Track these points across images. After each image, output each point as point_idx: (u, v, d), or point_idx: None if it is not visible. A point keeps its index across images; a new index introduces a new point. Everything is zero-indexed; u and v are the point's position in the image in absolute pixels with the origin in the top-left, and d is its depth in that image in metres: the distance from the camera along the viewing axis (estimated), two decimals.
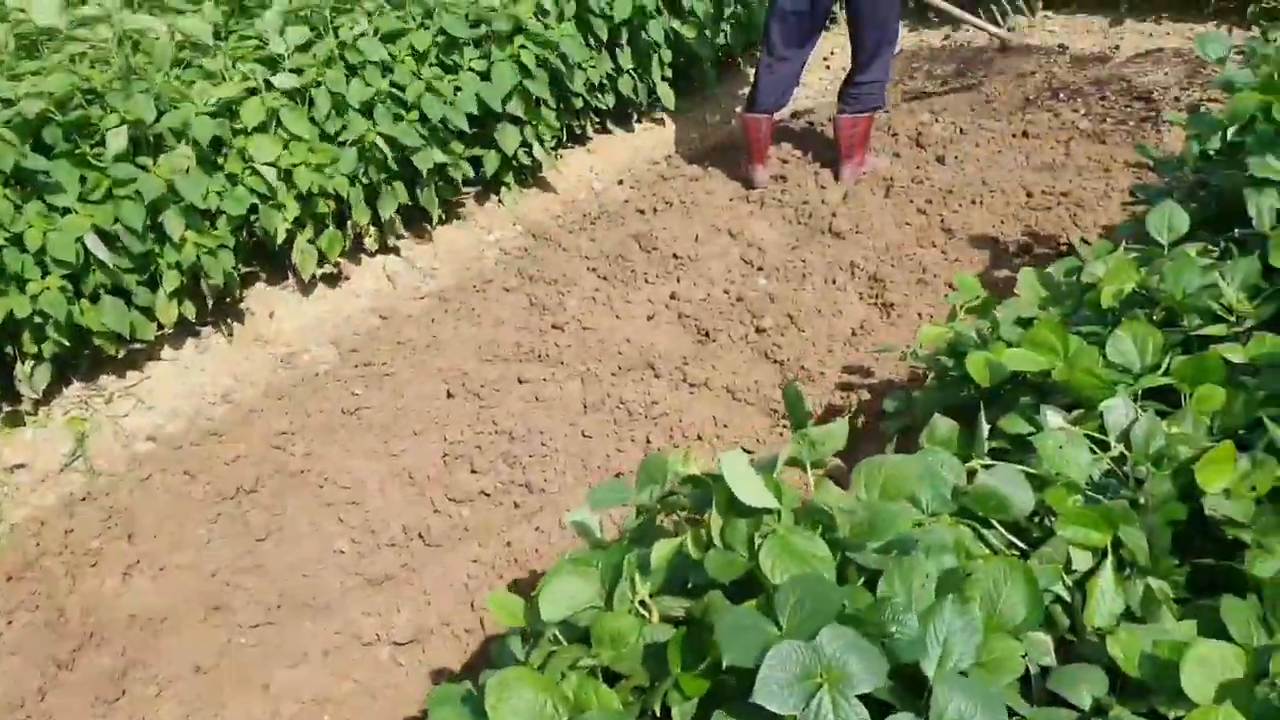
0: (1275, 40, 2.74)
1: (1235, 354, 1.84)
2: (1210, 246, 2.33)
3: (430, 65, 4.21)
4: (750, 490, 1.35)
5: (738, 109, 5.73)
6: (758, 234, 4.41)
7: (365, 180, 4.02)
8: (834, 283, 4.01)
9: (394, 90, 4.06)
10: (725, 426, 3.27)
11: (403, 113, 4.08)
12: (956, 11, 5.54)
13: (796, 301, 3.86)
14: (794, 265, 4.12)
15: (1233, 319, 1.94)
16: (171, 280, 3.48)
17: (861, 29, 4.57)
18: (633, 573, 1.46)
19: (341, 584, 2.90)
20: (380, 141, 3.94)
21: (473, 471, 3.21)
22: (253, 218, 3.76)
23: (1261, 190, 2.32)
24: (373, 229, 4.25)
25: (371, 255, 4.35)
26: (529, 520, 3.01)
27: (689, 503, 1.58)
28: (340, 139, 3.95)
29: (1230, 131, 2.56)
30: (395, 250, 4.42)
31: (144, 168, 3.42)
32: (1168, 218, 2.29)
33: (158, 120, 3.47)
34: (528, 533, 2.96)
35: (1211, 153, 2.63)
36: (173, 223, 3.42)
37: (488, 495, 3.12)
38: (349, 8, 4.18)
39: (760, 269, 4.15)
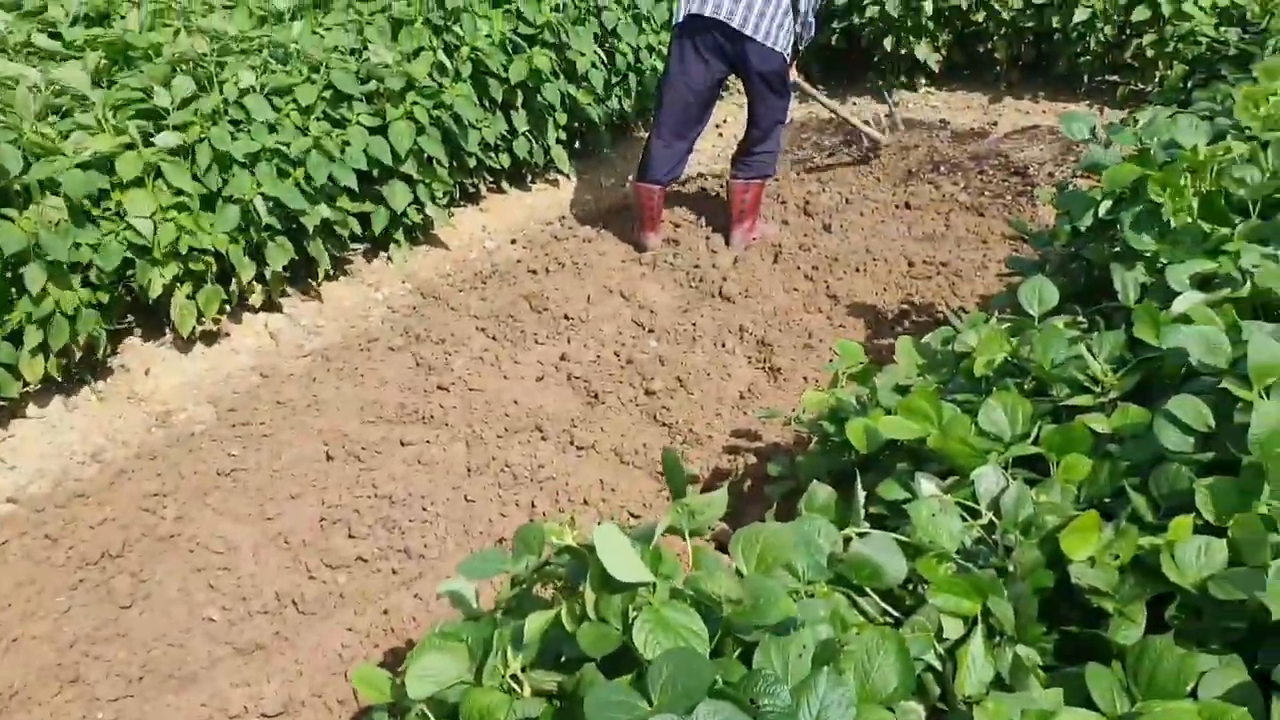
0: (1139, 121, 2.87)
1: (1100, 424, 1.89)
2: (1079, 319, 2.42)
3: (317, 120, 4.16)
4: (624, 564, 1.33)
5: (630, 175, 5.79)
6: (649, 296, 4.43)
7: (248, 237, 3.93)
8: (723, 346, 4.05)
9: (280, 146, 3.99)
10: (613, 490, 3.24)
11: (289, 169, 4.01)
12: (839, 110, 5.71)
13: (686, 364, 3.88)
14: (684, 328, 4.15)
15: (1099, 390, 2.01)
16: (33, 337, 3.33)
17: (756, 102, 4.68)
18: (504, 646, 1.42)
19: (210, 653, 2.77)
20: (260, 202, 3.86)
21: (350, 536, 3.11)
22: (129, 273, 3.63)
23: (1128, 265, 2.42)
24: (256, 285, 4.14)
25: (255, 312, 4.24)
26: (407, 587, 2.92)
27: (566, 573, 1.55)
28: (224, 194, 3.86)
29: (1102, 208, 2.67)
30: (279, 307, 4.32)
31: (10, 219, 3.29)
32: (1038, 290, 2.37)
33: (25, 171, 3.34)
34: (406, 600, 2.87)
35: (1082, 228, 2.74)
36: (34, 277, 3.28)
37: (365, 561, 3.03)
38: (235, 61, 4.11)
39: (651, 331, 4.17)
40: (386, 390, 3.82)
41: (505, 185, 5.42)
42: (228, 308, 4.04)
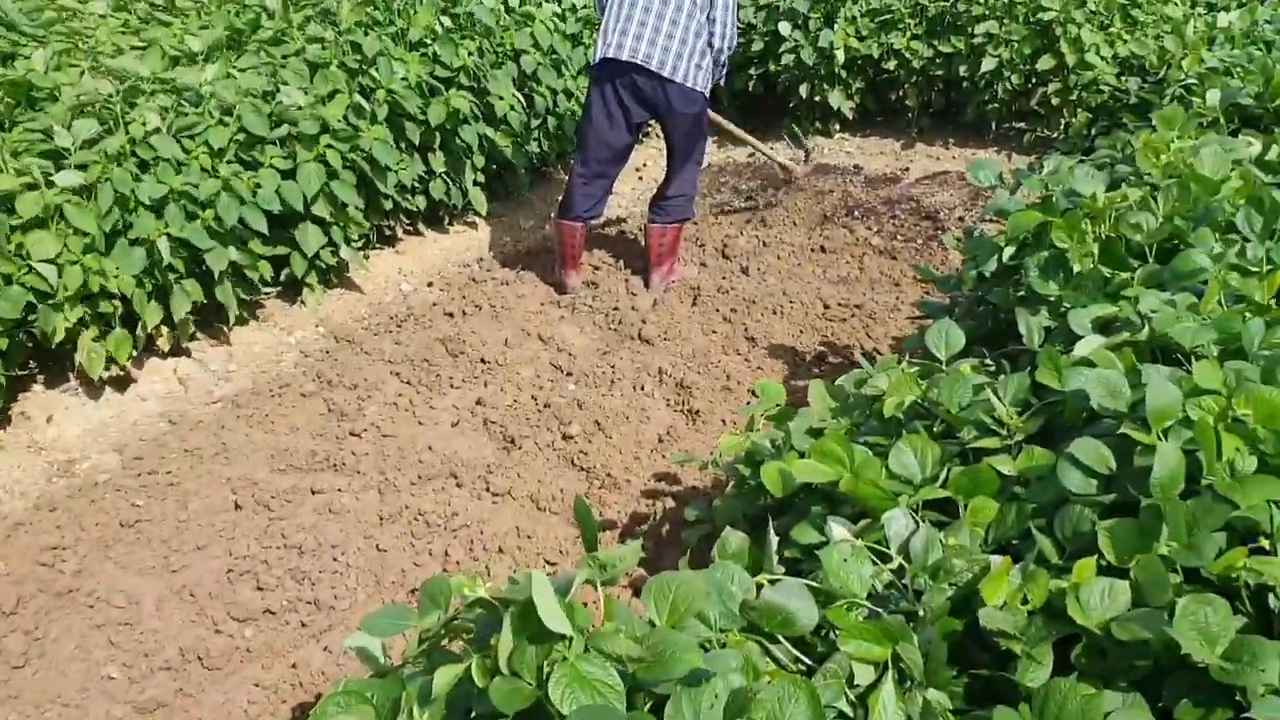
0: (1044, 168, 2.96)
1: (1006, 466, 1.93)
2: (986, 361, 2.47)
3: (229, 162, 4.09)
4: (545, 616, 1.31)
5: (551, 214, 5.80)
6: (568, 339, 4.42)
7: (155, 280, 3.84)
8: (642, 389, 4.04)
9: (188, 188, 3.91)
10: (529, 538, 3.20)
11: (198, 211, 3.93)
12: (752, 141, 5.79)
13: (604, 407, 3.87)
14: (603, 371, 4.14)
15: (1005, 433, 2.04)
16: None
17: (674, 145, 4.72)
18: (411, 705, 1.38)
19: (108, 713, 2.65)
20: (165, 243, 3.77)
21: (258, 588, 3.02)
22: (30, 317, 3.52)
23: (1032, 309, 2.48)
24: (165, 329, 4.04)
25: (163, 357, 4.13)
26: (317, 640, 2.84)
27: (476, 626, 1.52)
28: (130, 236, 3.77)
29: (1006, 253, 2.73)
30: (188, 352, 4.22)
31: None
32: (945, 334, 2.41)
33: None
34: (315, 653, 2.79)
35: (987, 273, 2.80)
36: None
37: (273, 613, 2.94)
38: (142, 102, 4.04)
39: (569, 374, 4.15)
40: (297, 437, 3.73)
41: (422, 227, 5.38)
42: (134, 353, 3.93)
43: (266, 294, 4.56)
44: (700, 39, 4.44)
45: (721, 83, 4.71)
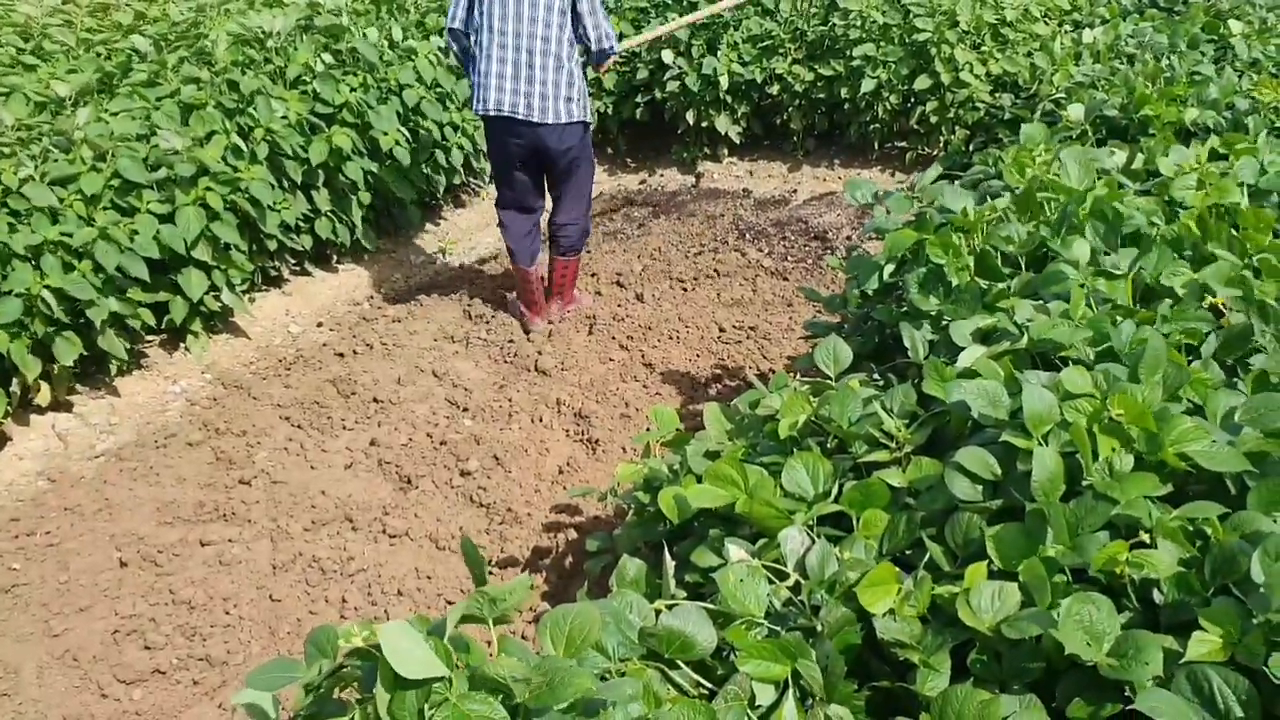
0: (920, 188, 3.02)
1: (896, 478, 1.95)
2: (874, 376, 2.50)
3: (105, 209, 3.95)
4: (414, 661, 1.27)
5: (438, 244, 5.75)
6: (463, 374, 4.36)
7: (31, 332, 3.68)
8: (540, 420, 4.00)
9: (63, 237, 3.76)
10: (428, 579, 3.13)
11: (74, 261, 3.79)
12: (676, 26, 5.76)
13: (502, 442, 3.82)
14: (500, 404, 4.09)
15: (894, 445, 2.06)
16: None
17: (560, 179, 4.63)
18: None
19: None
20: (48, 294, 3.63)
21: (146, 648, 2.90)
22: None
23: (915, 324, 2.52)
24: (42, 384, 3.88)
25: (41, 412, 3.96)
26: (210, 698, 2.74)
27: (361, 675, 1.46)
28: (4, 289, 3.62)
29: (886, 271, 2.78)
30: (68, 406, 4.05)
31: None
32: (833, 351, 2.43)
33: None
34: (209, 712, 2.69)
35: (869, 291, 2.84)
36: None
37: (163, 673, 2.82)
38: (11, 152, 3.88)
39: (465, 410, 4.09)
40: (185, 488, 3.60)
41: (310, 267, 5.28)
42: (9, 409, 3.76)
43: (149, 342, 4.41)
44: (563, 69, 4.30)
45: (608, 62, 4.57)
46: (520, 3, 4.20)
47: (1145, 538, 1.59)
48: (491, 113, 4.32)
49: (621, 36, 6.00)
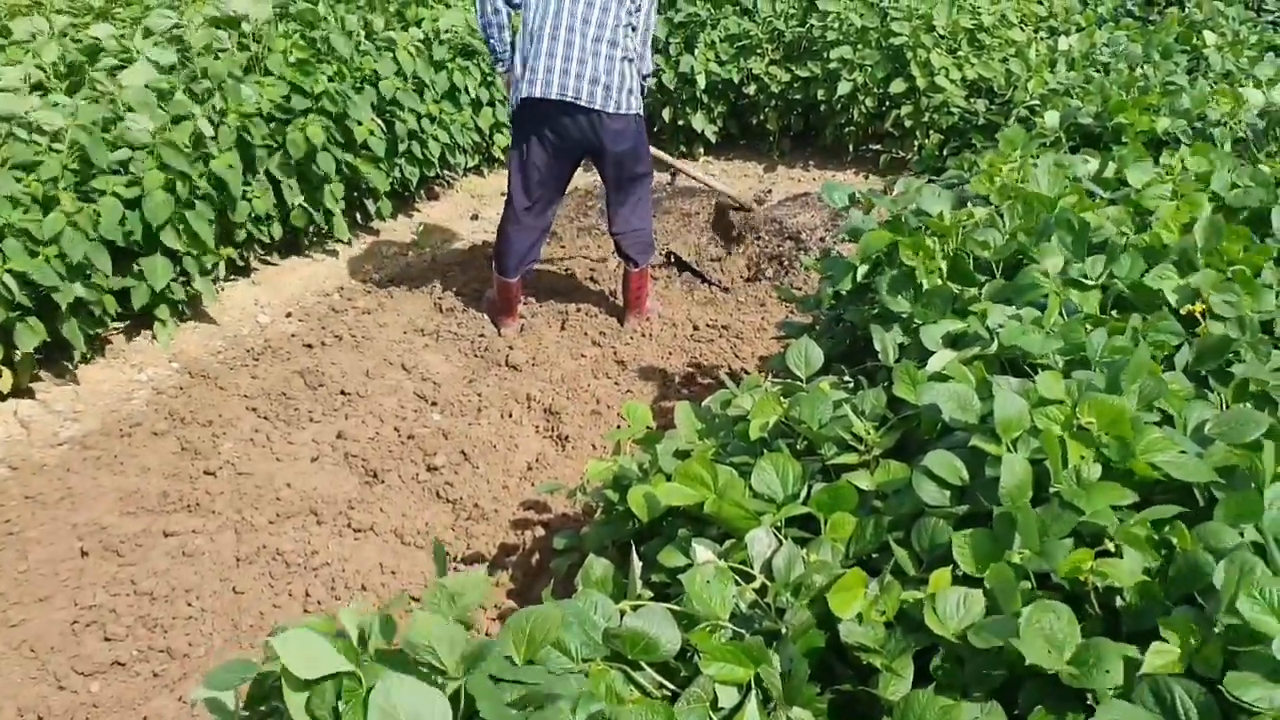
0: (894, 190, 3.03)
1: (864, 481, 1.95)
2: (844, 379, 2.50)
3: (66, 190, 3.89)
4: (312, 661, 1.27)
5: (410, 236, 5.71)
6: (432, 367, 4.33)
7: None
8: (510, 416, 3.98)
9: (26, 222, 3.71)
10: (393, 574, 3.11)
11: (37, 248, 3.73)
12: (711, 181, 5.74)
13: (471, 437, 3.79)
14: (469, 399, 4.06)
15: (863, 448, 2.06)
16: None
17: (622, 178, 4.39)
18: None
19: None
20: (9, 279, 3.57)
21: (106, 639, 2.85)
22: None
23: (887, 326, 2.52)
24: (4, 370, 3.82)
25: (3, 399, 3.90)
26: (171, 690, 2.70)
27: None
28: None
29: (860, 272, 2.78)
30: (31, 393, 3.99)
31: None
32: (804, 352, 2.43)
33: None
34: (169, 705, 2.65)
35: (843, 292, 2.84)
36: None
37: (123, 665, 2.78)
38: None
39: (434, 404, 4.06)
40: (148, 478, 3.55)
41: (280, 256, 5.22)
42: None
43: (115, 329, 4.35)
44: (624, 60, 4.10)
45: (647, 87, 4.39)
46: None
47: (1110, 546, 1.60)
48: (553, 96, 4.03)
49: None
